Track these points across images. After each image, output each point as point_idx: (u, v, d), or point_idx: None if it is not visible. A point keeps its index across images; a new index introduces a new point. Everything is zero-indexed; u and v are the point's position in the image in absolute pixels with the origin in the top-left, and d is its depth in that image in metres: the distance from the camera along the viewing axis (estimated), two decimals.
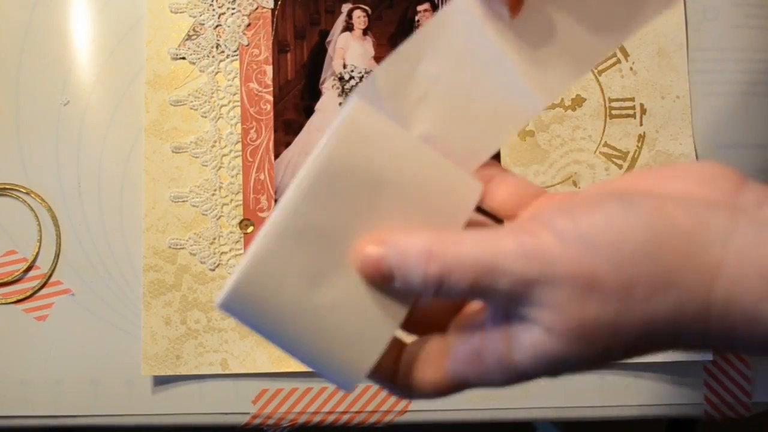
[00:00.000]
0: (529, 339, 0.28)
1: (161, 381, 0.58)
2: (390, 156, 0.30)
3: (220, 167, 0.59)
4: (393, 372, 0.32)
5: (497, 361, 0.29)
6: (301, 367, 0.56)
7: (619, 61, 0.58)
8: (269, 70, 0.59)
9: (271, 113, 0.59)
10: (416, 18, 0.59)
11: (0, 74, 0.60)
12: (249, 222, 0.58)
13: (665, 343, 0.27)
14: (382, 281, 0.30)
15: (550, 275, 0.27)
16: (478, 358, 0.29)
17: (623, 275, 0.26)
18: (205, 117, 0.59)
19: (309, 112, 0.59)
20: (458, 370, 0.30)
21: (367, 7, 0.60)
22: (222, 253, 0.58)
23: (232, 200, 0.59)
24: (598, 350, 0.27)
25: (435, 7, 0.59)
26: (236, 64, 0.60)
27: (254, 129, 0.59)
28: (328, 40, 0.60)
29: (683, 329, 0.26)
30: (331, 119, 0.59)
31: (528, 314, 0.27)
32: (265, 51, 0.60)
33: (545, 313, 0.27)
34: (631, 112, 0.57)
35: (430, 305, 0.33)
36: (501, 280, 0.27)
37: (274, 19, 0.60)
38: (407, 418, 0.56)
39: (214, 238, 0.58)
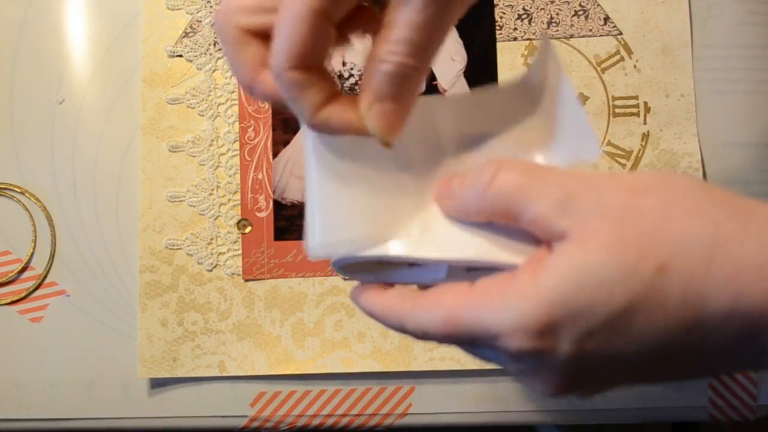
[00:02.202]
0: (565, 257, 0.27)
1: (158, 383, 0.57)
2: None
3: (217, 166, 0.58)
4: (402, 306, 0.31)
5: (519, 289, 0.28)
6: (299, 370, 0.56)
7: (622, 59, 0.57)
8: None
9: (270, 111, 0.58)
10: None
11: None
12: (247, 222, 0.57)
13: (693, 267, 0.27)
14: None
15: (597, 184, 0.28)
16: (499, 291, 0.28)
17: (667, 195, 0.28)
18: (203, 115, 0.58)
19: None
20: (469, 305, 0.29)
21: (366, 5, 0.59)
22: (219, 253, 0.57)
23: (229, 200, 0.58)
24: (629, 261, 0.26)
25: None
26: None
27: (252, 127, 0.58)
28: None
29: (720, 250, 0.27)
30: None
31: (571, 228, 0.28)
32: None
33: (591, 221, 0.27)
34: (635, 110, 0.57)
35: None
36: (549, 191, 0.28)
37: None
38: (407, 421, 0.56)
39: (212, 239, 0.57)
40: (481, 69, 0.58)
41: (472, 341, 0.30)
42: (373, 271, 0.33)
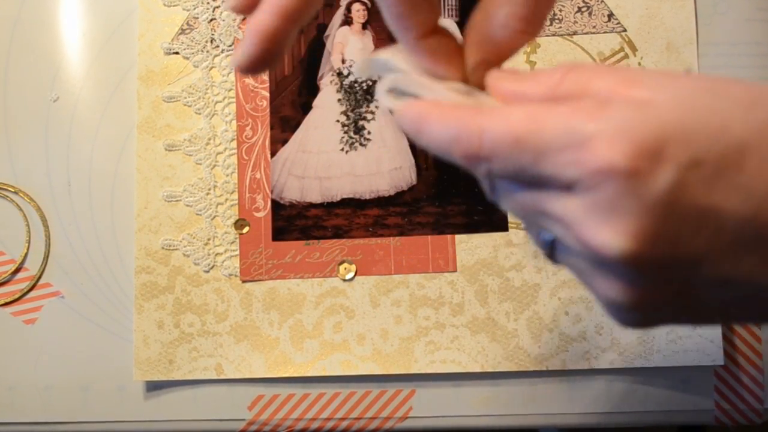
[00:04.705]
0: (677, 80, 0.25)
1: (154, 386, 0.56)
2: None
3: (214, 165, 0.57)
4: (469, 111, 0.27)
5: (626, 99, 0.24)
6: (298, 372, 0.55)
7: (627, 56, 0.56)
8: None
9: (268, 110, 0.57)
10: None
11: None
12: (244, 222, 0.56)
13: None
14: None
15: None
16: (599, 103, 0.25)
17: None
18: (200, 114, 0.57)
19: (306, 108, 0.57)
20: (559, 108, 0.25)
21: (366, 0, 0.58)
22: (217, 254, 0.56)
23: (227, 200, 0.57)
24: (744, 99, 0.24)
25: None
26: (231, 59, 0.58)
27: (250, 126, 0.57)
28: (326, 34, 0.58)
29: None
30: (329, 116, 0.57)
31: (648, 86, 0.25)
32: None
33: (669, 85, 0.25)
34: None
35: None
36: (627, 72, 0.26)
37: None
38: (408, 424, 0.55)
39: (209, 239, 0.56)
40: None
41: (542, 154, 0.24)
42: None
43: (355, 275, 0.55)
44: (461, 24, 0.57)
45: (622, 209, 0.23)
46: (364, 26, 0.58)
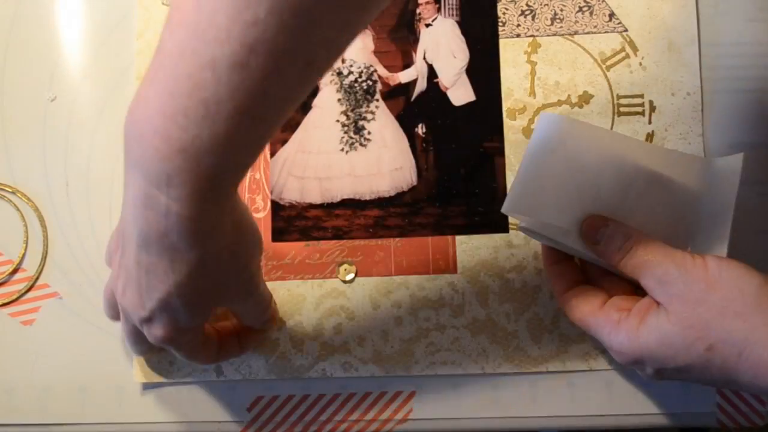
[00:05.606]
0: (656, 321, 0.44)
1: (153, 387, 0.56)
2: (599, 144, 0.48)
3: None
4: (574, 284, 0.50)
5: (627, 329, 0.45)
6: (297, 374, 0.54)
7: (628, 56, 0.56)
8: None
9: None
10: (417, 11, 0.57)
11: None
12: None
13: (730, 353, 0.42)
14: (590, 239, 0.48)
15: (688, 272, 0.44)
16: (616, 323, 0.46)
17: (729, 293, 0.43)
18: None
19: (306, 108, 0.57)
20: (596, 322, 0.47)
21: None
22: None
23: None
24: (690, 338, 0.43)
25: (437, 0, 0.57)
26: None
27: None
28: None
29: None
30: (329, 116, 0.57)
31: (664, 302, 0.44)
32: None
33: (675, 302, 0.44)
34: (639, 109, 0.55)
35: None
36: (656, 272, 0.45)
37: None
38: (408, 426, 0.54)
39: None
40: (483, 66, 0.56)
41: (592, 337, 0.49)
42: (545, 236, 0.49)
43: (355, 276, 0.55)
44: (461, 24, 0.57)
45: (639, 372, 0.48)
46: None
